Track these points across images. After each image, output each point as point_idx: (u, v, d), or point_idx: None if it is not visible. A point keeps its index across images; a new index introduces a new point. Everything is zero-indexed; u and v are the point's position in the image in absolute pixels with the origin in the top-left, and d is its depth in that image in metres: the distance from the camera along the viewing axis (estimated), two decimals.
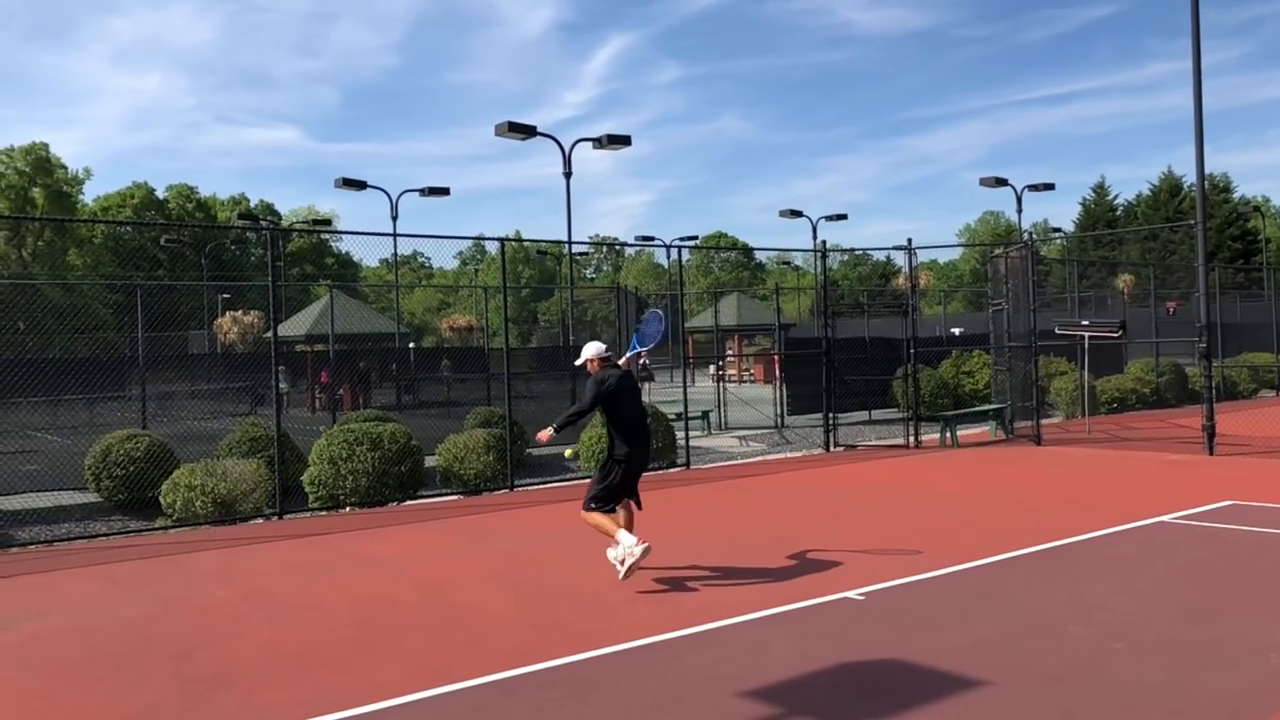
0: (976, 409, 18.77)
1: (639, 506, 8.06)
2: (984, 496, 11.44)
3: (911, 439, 16.49)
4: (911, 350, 16.81)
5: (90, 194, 77.98)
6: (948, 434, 16.46)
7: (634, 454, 7.78)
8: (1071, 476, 12.72)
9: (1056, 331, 18.29)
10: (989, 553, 8.25)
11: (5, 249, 65.89)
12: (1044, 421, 16.59)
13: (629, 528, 7.68)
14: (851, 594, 7.04)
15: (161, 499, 12.08)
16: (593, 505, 7.68)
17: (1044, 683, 5.19)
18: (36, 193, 67.63)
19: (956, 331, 34.02)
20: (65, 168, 70.84)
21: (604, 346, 8.05)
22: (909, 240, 16.60)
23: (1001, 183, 33.98)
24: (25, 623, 6.91)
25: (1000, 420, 17.50)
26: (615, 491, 7.73)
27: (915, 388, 16.99)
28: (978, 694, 5.03)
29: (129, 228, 73.52)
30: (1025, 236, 29.93)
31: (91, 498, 13.80)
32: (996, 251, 19.41)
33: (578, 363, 8.16)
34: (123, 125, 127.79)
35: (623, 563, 7.38)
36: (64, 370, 21.14)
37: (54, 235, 67.50)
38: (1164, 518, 9.61)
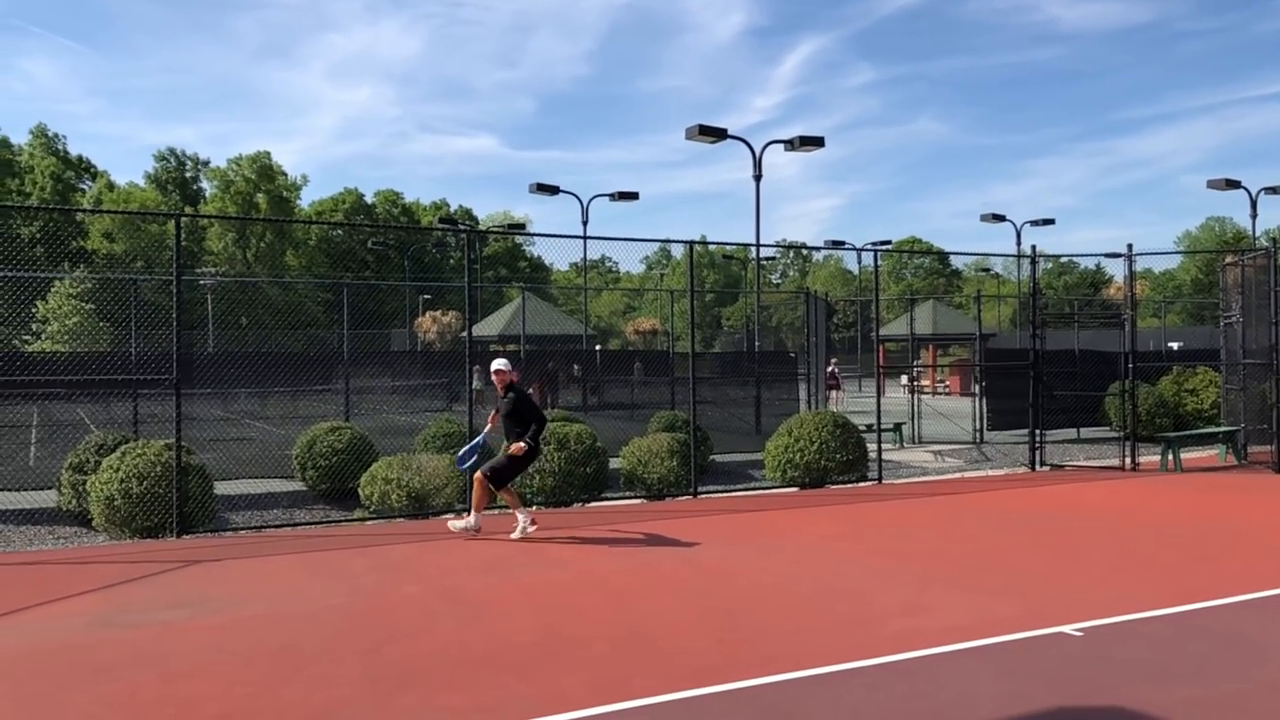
0: (1204, 430, 17.17)
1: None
2: (1216, 528, 10.33)
3: (1127, 460, 15.21)
4: (1130, 365, 15.50)
5: (306, 199, 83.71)
6: (1170, 456, 15.09)
7: (535, 452, 9.89)
8: None
9: None
10: (1226, 592, 7.37)
11: (232, 250, 71.45)
12: None
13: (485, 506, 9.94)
14: (1068, 629, 6.40)
15: (360, 490, 12.53)
16: (488, 474, 9.68)
17: None
18: (260, 198, 73.05)
19: (1175, 346, 31.51)
20: (285, 175, 76.27)
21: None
22: (1129, 246, 15.35)
23: (1234, 185, 31.21)
24: (231, 608, 7.20)
25: (1231, 444, 15.92)
26: (510, 477, 9.86)
27: (1133, 405, 15.67)
28: None
29: (340, 230, 78.29)
30: (1263, 242, 27.37)
31: (297, 486, 14.50)
32: (1229, 260, 17.69)
33: (500, 369, 9.96)
34: (336, 135, 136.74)
35: (465, 529, 9.79)
36: (278, 363, 22.54)
37: (274, 237, 72.65)
38: None
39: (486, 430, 10.47)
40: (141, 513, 10.37)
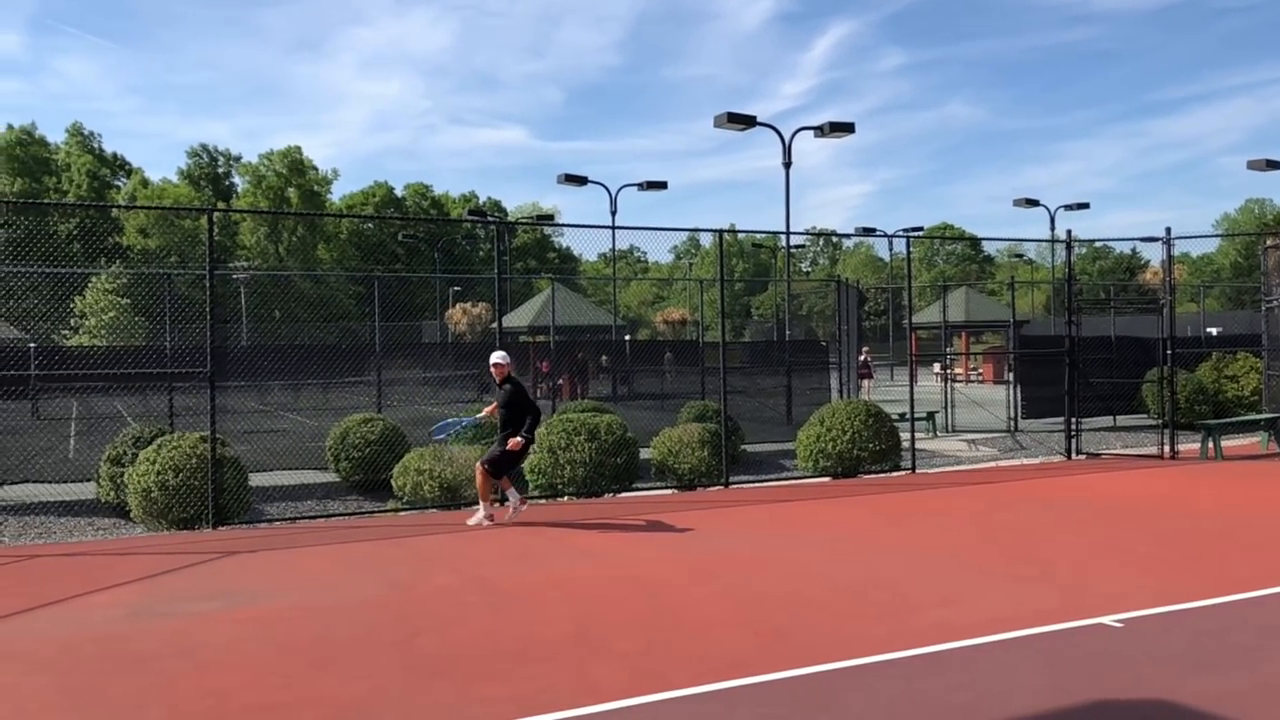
0: (1245, 418, 16.88)
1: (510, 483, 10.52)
2: (1258, 517, 10.15)
3: (1166, 448, 14.98)
4: (1169, 351, 15.26)
5: (337, 193, 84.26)
6: (1210, 444, 14.85)
7: (532, 438, 10.16)
8: None
9: None
10: (1270, 583, 7.22)
11: (265, 244, 72.08)
12: None
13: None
14: (1107, 620, 6.30)
15: (393, 481, 12.59)
16: (489, 468, 9.95)
17: None
18: (291, 192, 73.62)
19: (1214, 331, 31.01)
20: (316, 169, 76.78)
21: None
22: (1167, 230, 15.09)
23: (1274, 165, 30.63)
24: (267, 599, 7.25)
25: (1273, 431, 15.64)
26: (508, 468, 10.14)
27: (1172, 392, 15.42)
28: None
29: (370, 223, 78.74)
30: None
31: (331, 477, 14.59)
32: (1270, 242, 17.36)
33: (499, 361, 10.29)
34: (366, 129, 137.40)
35: (479, 523, 10.00)
36: (311, 356, 22.72)
37: (306, 231, 73.18)
38: None
39: (479, 416, 11.11)
40: (178, 504, 10.48)
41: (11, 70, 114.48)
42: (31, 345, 21.68)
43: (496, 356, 10.40)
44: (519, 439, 9.84)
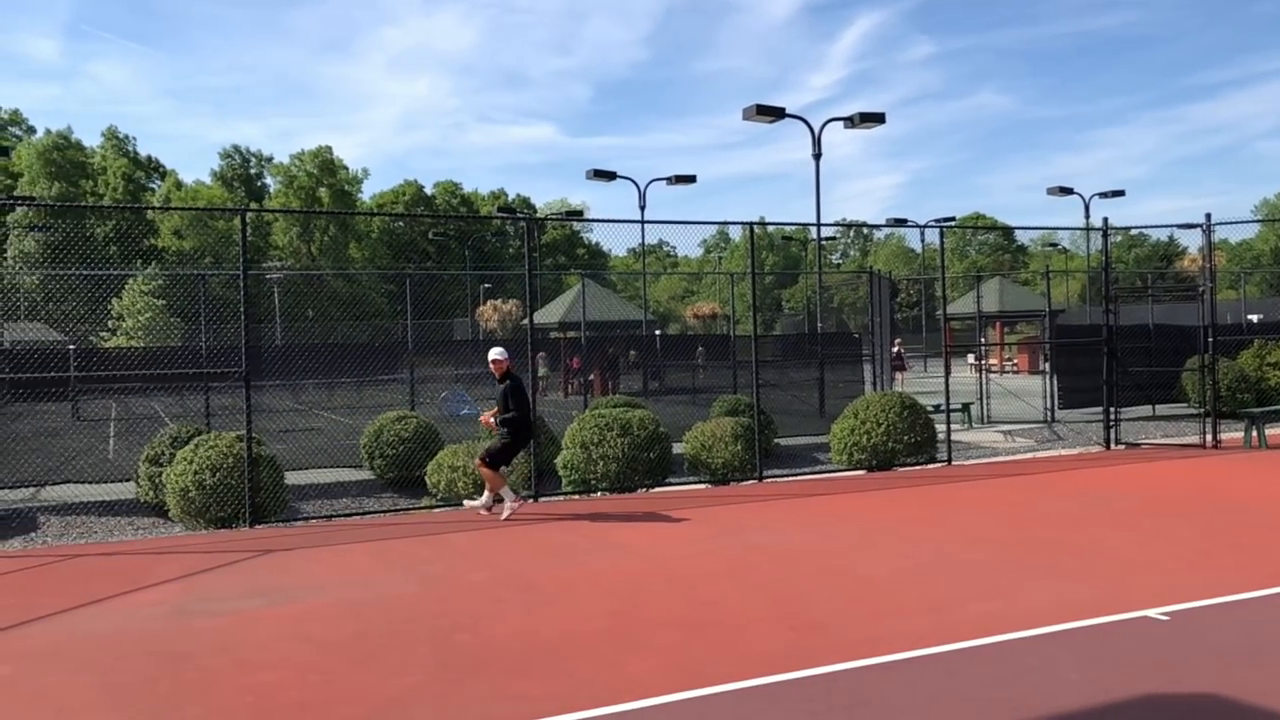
0: None
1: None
2: None
3: (1208, 437, 14.72)
4: (1210, 339, 14.99)
5: (368, 192, 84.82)
6: (1253, 434, 14.57)
7: (528, 433, 10.51)
8: None
9: None
10: None
11: (297, 244, 72.71)
12: None
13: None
14: (1152, 613, 6.19)
15: (427, 478, 12.63)
16: (488, 460, 10.19)
17: None
18: (323, 192, 74.23)
19: (1255, 318, 30.47)
20: (346, 169, 77.38)
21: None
22: (1207, 216, 14.82)
23: None
24: (304, 597, 7.29)
25: None
26: (503, 460, 10.39)
27: (1213, 381, 15.15)
28: None
29: (401, 222, 79.18)
30: None
31: (366, 475, 14.66)
32: None
33: (497, 358, 10.40)
34: (396, 128, 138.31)
35: (512, 511, 10.16)
36: (345, 355, 22.87)
37: (337, 231, 73.76)
38: None
39: (487, 414, 11.14)
40: (215, 503, 10.56)
41: (49, 76, 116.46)
42: (71, 347, 22.00)
43: (495, 353, 10.47)
44: (486, 416, 10.49)
